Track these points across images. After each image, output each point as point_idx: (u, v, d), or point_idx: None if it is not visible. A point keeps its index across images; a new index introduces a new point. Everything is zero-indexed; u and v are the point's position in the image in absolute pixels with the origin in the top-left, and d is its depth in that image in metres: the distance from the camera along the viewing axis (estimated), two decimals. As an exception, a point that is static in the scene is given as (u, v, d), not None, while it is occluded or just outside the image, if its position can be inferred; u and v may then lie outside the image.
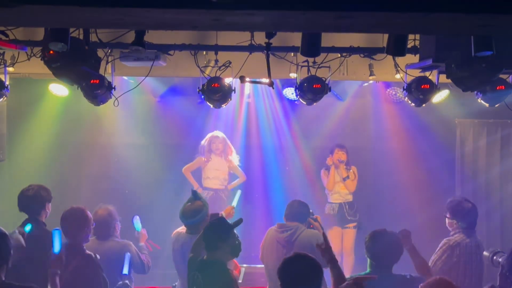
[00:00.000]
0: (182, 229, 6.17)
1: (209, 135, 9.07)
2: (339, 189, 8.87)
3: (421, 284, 4.55)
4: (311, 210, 6.57)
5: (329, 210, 8.88)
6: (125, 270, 5.84)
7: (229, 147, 9.09)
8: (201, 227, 5.93)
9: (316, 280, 4.15)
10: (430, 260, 6.03)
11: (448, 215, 6.13)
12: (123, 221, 6.37)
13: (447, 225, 6.17)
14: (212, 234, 5.12)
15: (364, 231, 8.47)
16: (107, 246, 6.02)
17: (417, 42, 6.09)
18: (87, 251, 5.60)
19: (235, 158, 9.13)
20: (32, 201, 5.82)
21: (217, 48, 6.45)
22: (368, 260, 5.21)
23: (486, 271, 6.19)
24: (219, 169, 9.01)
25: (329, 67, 6.49)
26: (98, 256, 5.58)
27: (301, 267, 4.15)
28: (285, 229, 6.31)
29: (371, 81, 7.95)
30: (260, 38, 5.89)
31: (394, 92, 8.74)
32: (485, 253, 5.94)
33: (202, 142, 9.06)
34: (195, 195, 6.05)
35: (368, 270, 5.18)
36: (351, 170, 8.87)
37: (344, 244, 8.81)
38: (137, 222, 6.52)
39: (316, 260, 4.23)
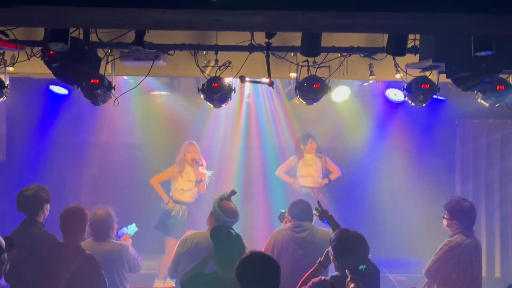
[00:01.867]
0: (195, 233, 5.96)
1: (185, 143, 8.76)
2: (312, 172, 8.95)
3: None
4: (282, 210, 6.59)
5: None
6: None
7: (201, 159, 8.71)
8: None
9: (275, 279, 4.08)
10: (430, 260, 6.02)
11: (446, 216, 6.09)
12: (121, 221, 6.38)
13: (445, 226, 6.12)
14: (231, 253, 4.67)
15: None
16: (105, 247, 6.01)
17: (417, 42, 6.09)
18: (86, 251, 5.63)
19: (205, 171, 8.70)
20: (30, 201, 5.79)
21: (217, 48, 6.45)
22: (334, 263, 4.99)
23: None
24: (192, 180, 8.60)
25: (329, 67, 6.49)
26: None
27: (260, 266, 4.07)
28: (302, 229, 6.24)
29: (371, 81, 7.95)
30: (260, 38, 5.88)
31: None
32: None
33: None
34: (231, 196, 5.79)
35: (336, 273, 4.94)
36: (322, 158, 9.02)
37: None
38: (133, 228, 6.53)
39: (274, 259, 4.16)
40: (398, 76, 6.69)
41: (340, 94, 8.60)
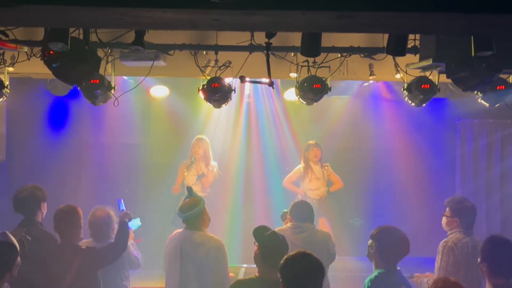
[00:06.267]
0: (177, 230, 6.09)
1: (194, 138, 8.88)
2: (320, 185, 8.92)
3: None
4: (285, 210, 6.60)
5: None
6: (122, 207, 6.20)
7: (209, 154, 8.81)
8: (198, 222, 5.83)
9: (319, 279, 4.09)
10: (439, 268, 5.90)
11: (448, 213, 6.03)
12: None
13: (444, 223, 6.06)
14: None
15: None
16: None
17: (417, 42, 6.09)
18: (82, 246, 5.71)
19: (213, 167, 8.80)
20: (27, 201, 5.80)
21: (217, 48, 6.45)
22: (374, 260, 5.08)
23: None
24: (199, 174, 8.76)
25: (329, 67, 6.49)
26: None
27: (305, 265, 4.06)
28: (301, 229, 6.22)
29: (371, 81, 7.96)
30: (260, 38, 5.89)
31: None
32: None
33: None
34: (190, 192, 5.96)
35: (375, 272, 5.03)
36: (326, 167, 8.97)
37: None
38: (136, 223, 6.55)
39: (319, 260, 4.15)
40: (398, 76, 6.69)
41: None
